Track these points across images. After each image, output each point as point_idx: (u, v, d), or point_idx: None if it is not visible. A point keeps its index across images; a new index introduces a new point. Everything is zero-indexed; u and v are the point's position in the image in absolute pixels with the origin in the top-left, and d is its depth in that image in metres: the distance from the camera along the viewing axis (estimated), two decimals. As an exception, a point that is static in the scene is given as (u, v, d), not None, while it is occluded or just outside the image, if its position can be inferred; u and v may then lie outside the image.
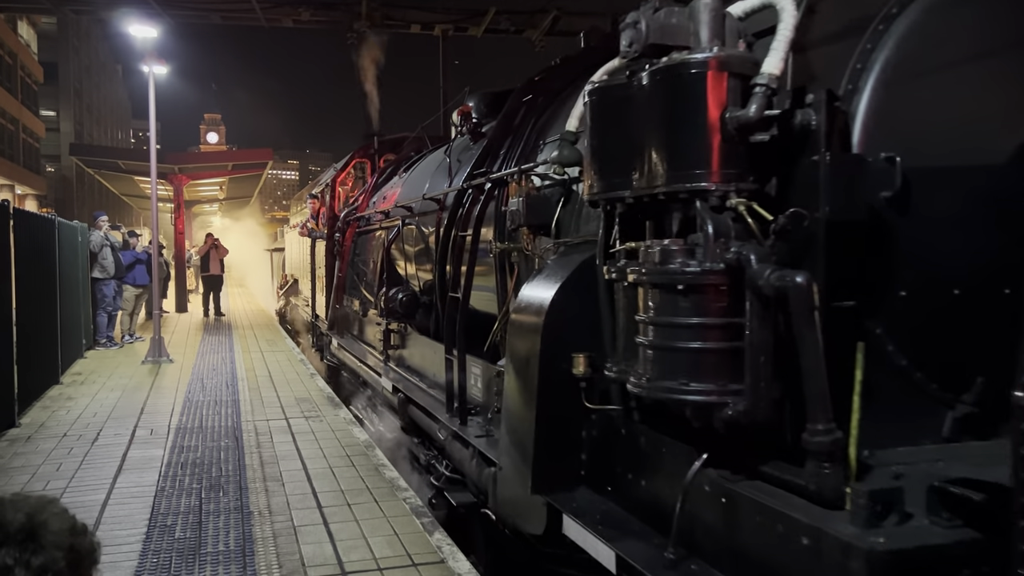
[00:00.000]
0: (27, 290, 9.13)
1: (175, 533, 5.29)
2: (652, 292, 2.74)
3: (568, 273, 3.69)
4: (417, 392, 6.89)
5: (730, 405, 2.53)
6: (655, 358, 2.74)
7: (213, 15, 19.46)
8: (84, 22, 50.82)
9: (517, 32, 19.67)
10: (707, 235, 2.61)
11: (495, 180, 5.52)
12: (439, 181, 7.54)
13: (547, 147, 5.04)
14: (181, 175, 23.12)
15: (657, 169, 2.80)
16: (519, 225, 4.66)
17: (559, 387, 3.58)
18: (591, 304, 3.57)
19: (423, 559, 4.88)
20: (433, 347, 6.74)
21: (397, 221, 8.47)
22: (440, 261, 6.53)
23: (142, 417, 8.91)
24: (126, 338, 15.60)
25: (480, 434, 5.11)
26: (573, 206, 4.42)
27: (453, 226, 6.22)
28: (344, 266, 11.69)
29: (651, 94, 2.86)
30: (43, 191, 49.50)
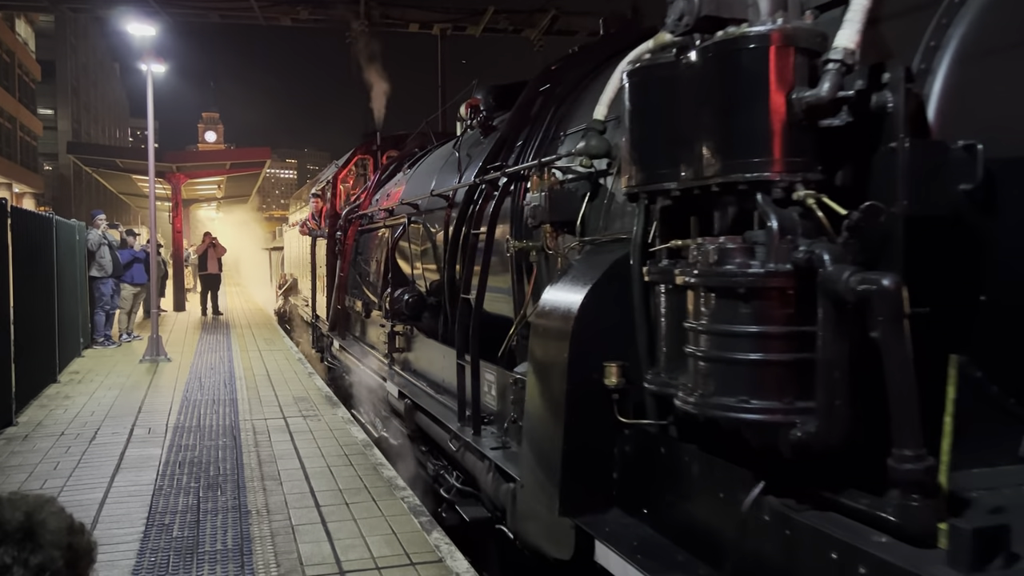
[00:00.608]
0: (25, 288, 9.06)
1: (173, 532, 5.25)
2: (706, 296, 2.43)
3: (599, 274, 3.36)
4: (425, 398, 6.52)
5: (798, 426, 2.22)
6: (709, 371, 2.42)
7: (211, 13, 19.42)
8: (82, 20, 50.63)
9: (516, 31, 19.64)
10: (771, 232, 2.29)
11: (511, 174, 5.20)
12: (447, 177, 7.21)
13: (569, 138, 4.76)
14: (179, 174, 22.97)
15: (711, 158, 2.49)
16: (541, 222, 4.32)
17: (589, 399, 3.26)
18: (624, 308, 3.26)
19: (421, 558, 4.84)
20: (441, 351, 6.44)
21: (402, 219, 8.13)
22: (449, 261, 6.22)
23: (140, 416, 8.83)
24: (124, 337, 15.51)
25: (496, 446, 4.78)
26: (600, 201, 4.10)
27: (464, 224, 5.92)
28: (346, 265, 11.36)
29: (703, 74, 2.54)
30: (41, 189, 49.36)
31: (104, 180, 31.78)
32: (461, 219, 5.99)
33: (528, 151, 5.25)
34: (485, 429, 5.14)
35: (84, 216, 17.81)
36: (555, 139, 5.04)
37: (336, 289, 11.52)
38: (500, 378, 4.98)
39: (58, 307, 11.15)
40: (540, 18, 18.85)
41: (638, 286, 3.20)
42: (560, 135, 4.98)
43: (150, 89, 14.52)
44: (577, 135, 4.54)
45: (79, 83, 59.73)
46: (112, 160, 25.54)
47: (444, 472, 6.19)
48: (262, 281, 30.92)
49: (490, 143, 6.08)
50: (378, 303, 8.87)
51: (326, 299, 12.32)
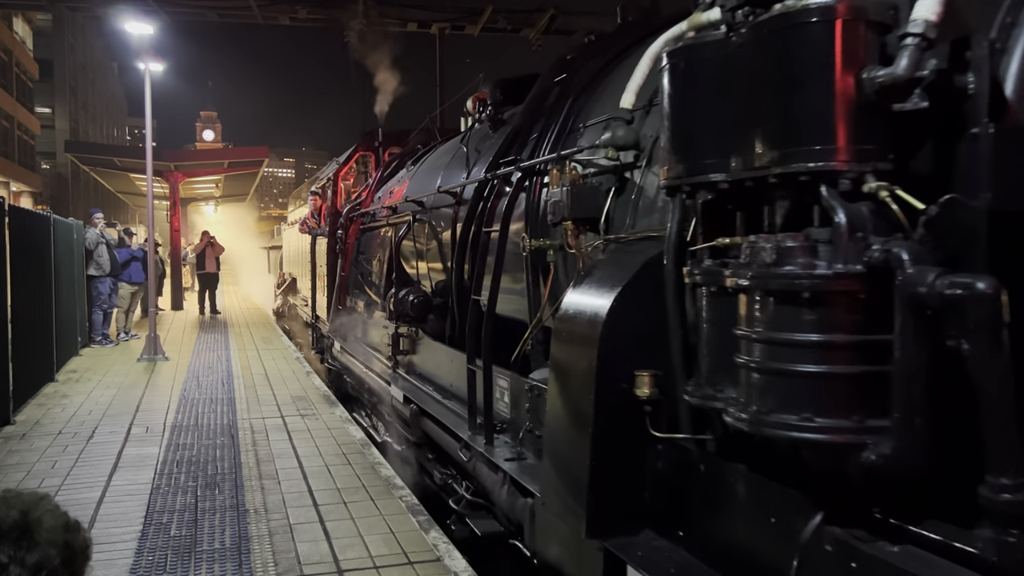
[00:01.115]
0: (22, 287, 9.05)
1: (170, 531, 5.23)
2: (762, 301, 2.17)
3: (628, 275, 3.09)
4: (432, 404, 6.21)
5: (870, 447, 1.96)
6: (766, 385, 2.16)
7: (209, 12, 19.36)
8: (80, 19, 50.49)
9: (514, 31, 19.59)
10: (840, 228, 2.03)
11: (526, 169, 4.91)
12: (454, 173, 6.93)
13: (589, 130, 4.47)
14: (177, 172, 22.88)
15: (767, 147, 2.21)
16: (562, 219, 3.99)
17: (619, 411, 3.00)
18: (656, 313, 2.97)
19: (419, 557, 4.82)
20: (449, 355, 6.15)
21: (407, 217, 7.78)
22: (457, 260, 5.91)
23: (137, 415, 8.79)
24: (122, 336, 15.48)
25: (510, 457, 4.49)
26: (628, 196, 3.82)
27: (473, 221, 5.63)
28: (347, 265, 11.06)
29: (759, 52, 2.27)
30: (38, 188, 49.19)
31: (102, 179, 31.67)
32: (470, 216, 5.71)
33: (544, 145, 4.95)
34: (498, 438, 4.85)
35: (82, 215, 17.80)
36: (573, 132, 4.75)
37: (337, 289, 11.25)
38: (514, 384, 4.70)
39: (56, 306, 11.15)
40: (539, 18, 18.80)
41: (673, 288, 2.93)
42: (579, 127, 4.69)
43: (148, 88, 14.48)
44: (598, 127, 4.29)
45: (77, 82, 59.57)
46: (110, 159, 25.43)
47: (453, 482, 5.92)
48: (260, 280, 30.85)
49: (501, 137, 5.81)
50: (381, 304, 8.61)
51: (326, 299, 12.02)
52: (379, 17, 18.58)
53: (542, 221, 4.61)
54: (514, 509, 4.37)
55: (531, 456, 4.36)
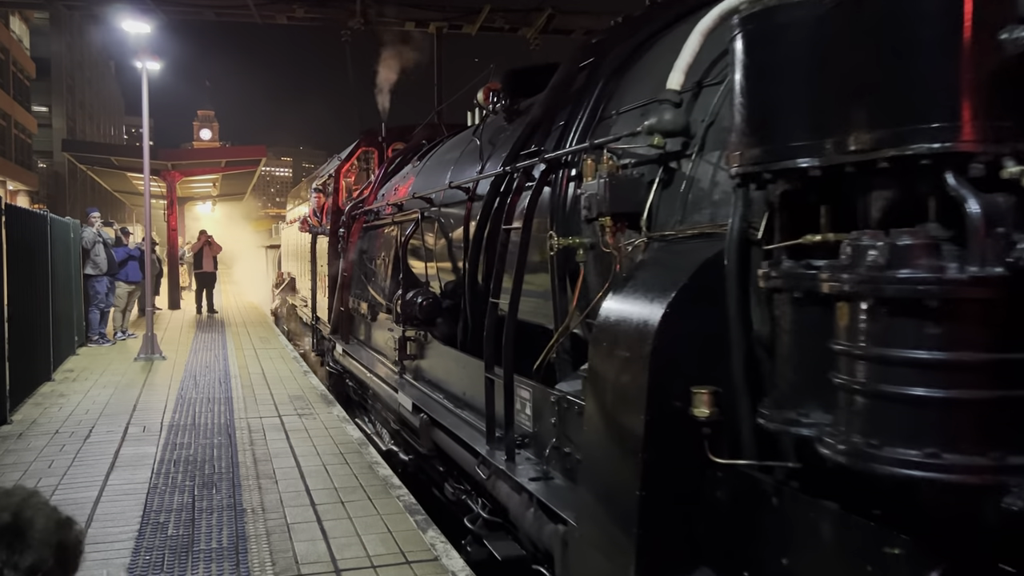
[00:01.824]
0: (19, 286, 9.02)
1: (168, 530, 5.20)
2: (872, 310, 1.82)
3: (684, 278, 2.72)
4: (444, 414, 5.84)
5: (1014, 492, 1.62)
6: (874, 411, 1.81)
7: (207, 11, 19.29)
8: (77, 18, 50.34)
9: (512, 30, 19.53)
10: (974, 223, 1.69)
11: (552, 160, 4.50)
12: (466, 168, 6.55)
13: (623, 117, 4.09)
14: (174, 171, 22.71)
15: (875, 125, 1.84)
16: (599, 214, 3.58)
17: (673, 433, 2.64)
18: (715, 320, 2.63)
19: (417, 557, 4.80)
20: (462, 361, 5.80)
21: (414, 214, 7.37)
22: (471, 260, 5.59)
23: (135, 414, 8.74)
24: (119, 335, 15.42)
25: (535, 476, 4.10)
26: (675, 189, 3.43)
27: (489, 218, 5.30)
28: (349, 265, 10.59)
29: (865, 10, 1.90)
30: (35, 187, 49.04)
31: (99, 178, 31.54)
32: (486, 213, 5.35)
33: (571, 134, 4.52)
34: (519, 453, 4.47)
35: (79, 214, 17.76)
36: (604, 119, 4.33)
37: (339, 289, 10.80)
38: (537, 396, 4.32)
39: (53, 305, 11.12)
40: (536, 17, 18.75)
41: (735, 293, 2.60)
42: (611, 114, 4.28)
43: (145, 87, 14.42)
44: (634, 114, 3.90)
45: (74, 80, 59.36)
46: (107, 158, 25.28)
47: (467, 498, 5.55)
48: (258, 279, 30.77)
49: (518, 128, 5.44)
50: (385, 305, 8.29)
51: (328, 300, 11.62)
52: (377, 16, 18.57)
53: (569, 217, 4.28)
54: (541, 534, 3.98)
55: (558, 475, 4.01)
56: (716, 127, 3.20)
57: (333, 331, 11.11)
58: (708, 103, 3.32)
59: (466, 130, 8.13)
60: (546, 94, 5.09)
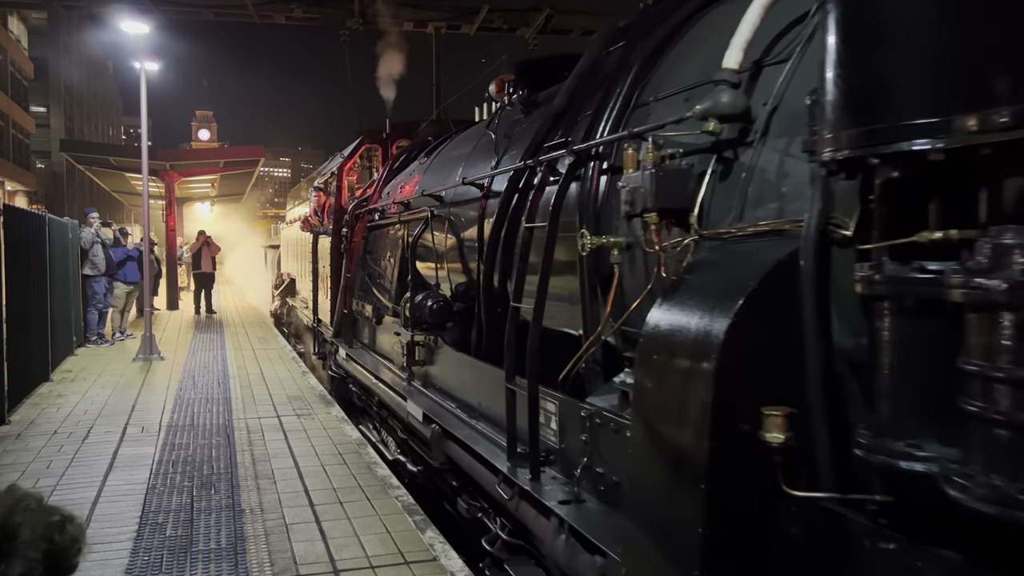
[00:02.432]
0: (17, 287, 9.01)
1: (166, 531, 5.22)
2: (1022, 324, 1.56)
3: (754, 282, 2.38)
4: (458, 425, 5.48)
5: None
6: None
7: (205, 11, 19.31)
8: (75, 18, 50.37)
9: (510, 30, 19.56)
10: None
11: (580, 152, 4.14)
12: (480, 163, 6.24)
13: (661, 104, 3.78)
14: (173, 172, 22.76)
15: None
16: (643, 210, 3.20)
17: (741, 460, 2.32)
18: (790, 331, 2.31)
19: (415, 557, 4.82)
20: (476, 369, 5.47)
21: (423, 213, 7.06)
22: (487, 261, 5.29)
23: (133, 415, 8.76)
24: (117, 335, 15.43)
25: (565, 498, 3.75)
26: (733, 180, 3.07)
27: (507, 216, 5.03)
28: (353, 266, 10.18)
29: None
30: (33, 187, 49.06)
31: (97, 178, 31.60)
32: (503, 211, 5.06)
33: (600, 124, 4.19)
34: (545, 471, 4.13)
35: (77, 214, 17.76)
36: (640, 107, 3.99)
37: (342, 291, 10.45)
38: (566, 410, 3.98)
39: (51, 305, 11.09)
40: (535, 17, 18.78)
41: (813, 299, 2.28)
42: (648, 100, 3.93)
43: (143, 87, 14.41)
44: (677, 99, 3.58)
45: (72, 81, 59.37)
46: (105, 158, 25.36)
47: (484, 517, 5.22)
48: (257, 280, 30.68)
49: (538, 120, 5.17)
50: (391, 308, 8.04)
51: (330, 302, 11.31)
52: (375, 16, 18.57)
53: (601, 215, 3.98)
54: (574, 564, 3.61)
55: (591, 498, 3.68)
56: (783, 111, 2.85)
57: (336, 334, 10.83)
58: (770, 84, 2.96)
59: (477, 124, 7.89)
60: (570, 82, 4.72)
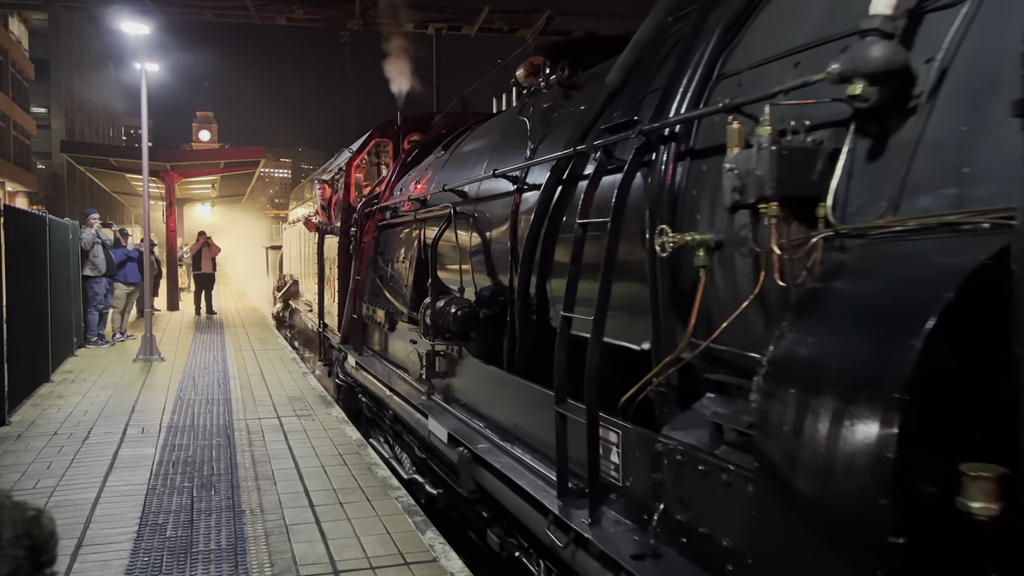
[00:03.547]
0: (18, 287, 9.01)
1: (166, 532, 5.22)
2: None
3: (949, 293, 1.79)
4: (491, 450, 4.88)
5: None
6: None
7: (206, 12, 19.36)
8: (76, 19, 50.50)
9: (511, 31, 19.60)
10: None
11: (652, 132, 3.47)
12: (511, 154, 5.63)
13: (756, 73, 3.12)
14: (173, 173, 22.83)
15: None
16: (760, 198, 2.55)
17: (933, 535, 1.76)
18: (996, 360, 1.73)
19: (415, 558, 4.82)
20: (509, 385, 4.88)
21: (444, 210, 6.48)
22: (524, 263, 4.74)
23: (133, 415, 8.77)
24: (117, 336, 15.45)
25: (639, 552, 3.10)
26: (884, 160, 2.41)
27: (548, 211, 4.53)
28: (363, 268, 9.60)
29: None
30: (34, 188, 49.12)
31: (98, 179, 31.66)
32: (544, 205, 4.54)
33: (673, 100, 3.55)
34: (605, 513, 3.49)
35: (77, 215, 17.79)
36: (726, 77, 3.36)
37: (351, 295, 9.82)
38: (634, 442, 3.36)
39: (51, 306, 11.10)
40: (535, 18, 18.82)
41: None
42: (739, 69, 3.27)
43: (144, 88, 14.45)
44: (780, 66, 2.94)
45: (73, 82, 59.45)
46: (106, 159, 25.43)
47: (524, 557, 4.63)
48: (258, 281, 30.63)
49: (582, 103, 4.69)
50: (407, 314, 7.57)
51: (337, 306, 10.75)
52: (375, 17, 18.59)
53: (678, 207, 3.39)
54: None
55: (671, 553, 3.06)
56: (959, 67, 2.24)
57: (344, 340, 10.30)
58: (936, 35, 2.33)
59: (503, 113, 7.42)
60: (626, 56, 4.15)
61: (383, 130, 11.17)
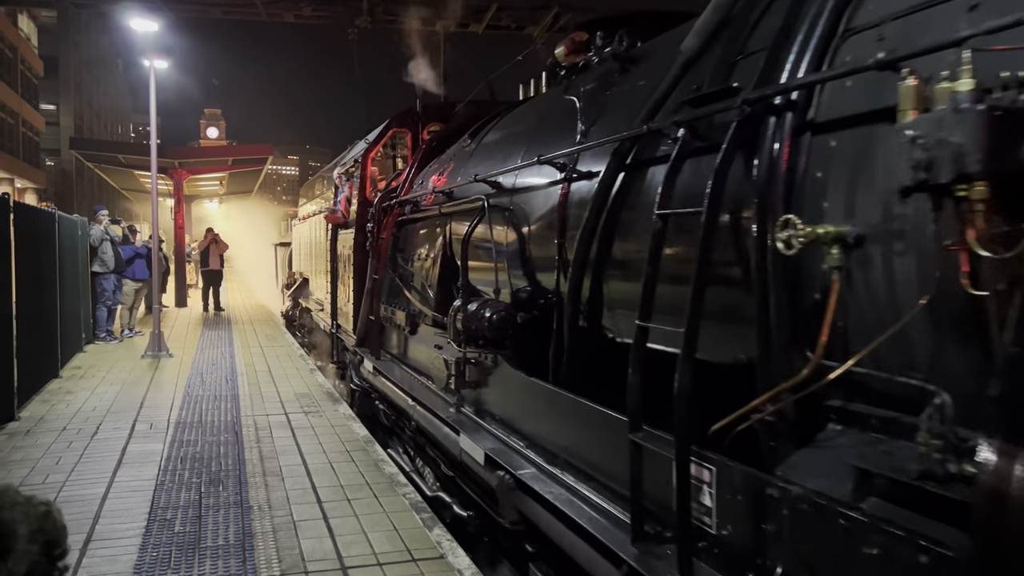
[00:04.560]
0: (27, 284, 9.02)
1: (175, 527, 5.23)
2: None
3: None
4: (539, 478, 4.22)
5: None
6: None
7: (214, 9, 19.43)
8: (85, 16, 50.67)
9: (518, 28, 19.63)
10: None
11: (759, 103, 2.84)
12: (555, 139, 4.99)
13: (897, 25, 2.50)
14: (181, 170, 22.89)
15: None
16: (958, 176, 1.89)
17: None
18: None
19: (423, 555, 4.82)
20: (559, 402, 4.16)
21: (476, 202, 5.87)
22: (577, 262, 4.14)
23: (141, 411, 8.78)
24: (125, 332, 15.47)
25: None
26: None
27: (607, 202, 3.94)
28: (381, 266, 9.02)
29: None
30: (43, 185, 49.31)
31: (106, 176, 31.79)
32: (603, 194, 3.94)
33: (786, 63, 2.92)
34: (697, 567, 2.86)
35: (86, 212, 17.86)
36: (855, 33, 2.72)
37: (367, 294, 9.28)
38: (735, 483, 2.74)
39: (60, 302, 11.10)
40: (543, 15, 18.83)
41: None
42: (873, 22, 2.64)
43: (152, 85, 14.48)
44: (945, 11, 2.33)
45: (81, 79, 59.71)
46: (114, 156, 25.54)
47: None
48: (265, 278, 30.62)
49: (646, 76, 4.10)
50: (431, 316, 7.13)
51: (353, 306, 10.15)
52: (383, 14, 18.61)
53: (794, 195, 2.73)
54: None
55: None
56: None
57: (360, 343, 9.73)
58: None
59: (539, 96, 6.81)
60: (707, 17, 3.59)
61: (401, 120, 10.61)
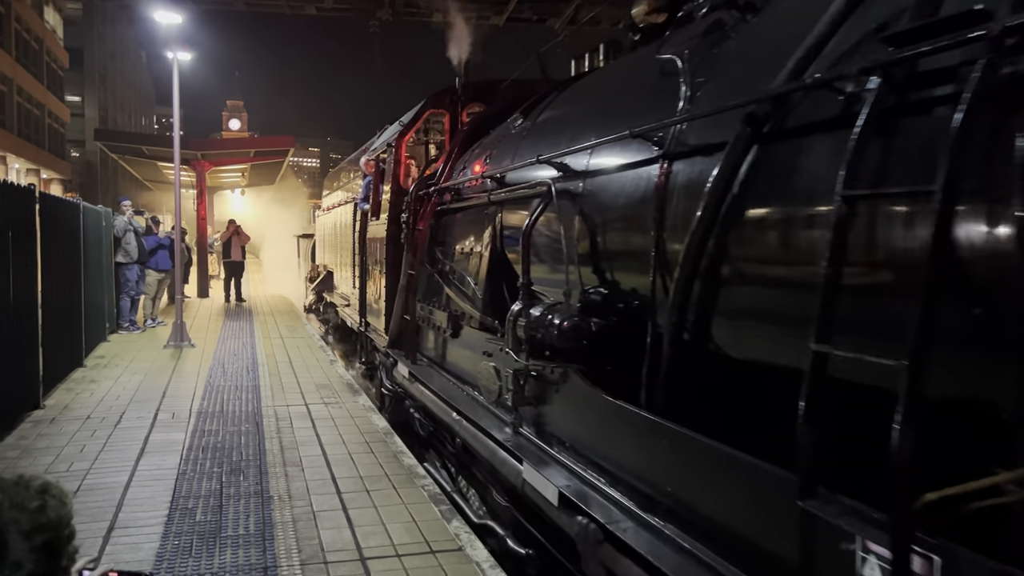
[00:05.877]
0: (53, 274, 9.13)
1: (196, 516, 5.28)
2: None
3: None
4: (637, 532, 3.34)
5: None
6: None
7: (237, 2, 19.51)
8: (110, 8, 51.07)
9: (540, 21, 19.57)
10: None
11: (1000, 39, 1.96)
12: (642, 110, 4.06)
13: None
14: (204, 161, 23.05)
15: None
16: None
17: None
18: None
19: (441, 546, 4.85)
20: (659, 435, 3.29)
21: (538, 189, 5.05)
22: (687, 262, 3.27)
23: (164, 401, 8.87)
24: (148, 322, 15.61)
25: None
26: None
27: (730, 188, 3.08)
28: (418, 261, 8.08)
29: None
30: (68, 176, 49.82)
31: (130, 167, 32.09)
32: (727, 175, 3.08)
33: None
34: None
35: (110, 202, 18.01)
36: None
37: (402, 291, 8.44)
38: None
39: (84, 292, 11.22)
40: (564, 7, 18.75)
41: None
42: None
43: (176, 77, 14.56)
44: None
45: (106, 70, 60.15)
46: (138, 147, 25.76)
47: None
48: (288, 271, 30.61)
49: (771, 28, 3.44)
50: (478, 319, 6.40)
51: (384, 304, 9.26)
52: (405, 7, 18.61)
53: None
54: None
55: None
56: None
57: (392, 344, 8.89)
58: None
59: (613, 63, 5.90)
60: None
61: (438, 100, 9.43)
